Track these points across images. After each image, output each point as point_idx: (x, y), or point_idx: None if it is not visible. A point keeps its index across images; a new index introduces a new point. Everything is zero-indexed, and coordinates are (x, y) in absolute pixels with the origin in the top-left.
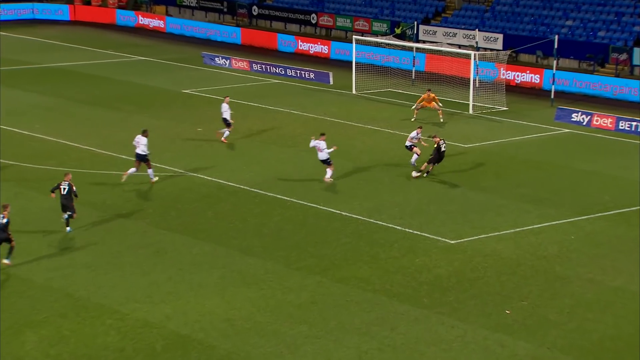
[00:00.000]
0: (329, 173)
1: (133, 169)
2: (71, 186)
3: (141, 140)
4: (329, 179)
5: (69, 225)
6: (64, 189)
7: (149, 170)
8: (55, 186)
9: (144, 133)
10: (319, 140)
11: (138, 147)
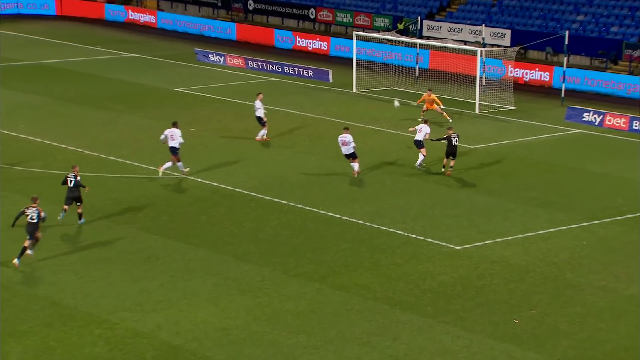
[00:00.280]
0: (356, 166)
1: (169, 163)
2: (78, 178)
3: (176, 133)
4: (357, 171)
5: (81, 218)
6: (71, 182)
7: (179, 163)
8: (63, 179)
9: (175, 125)
10: (344, 134)
11: (173, 140)
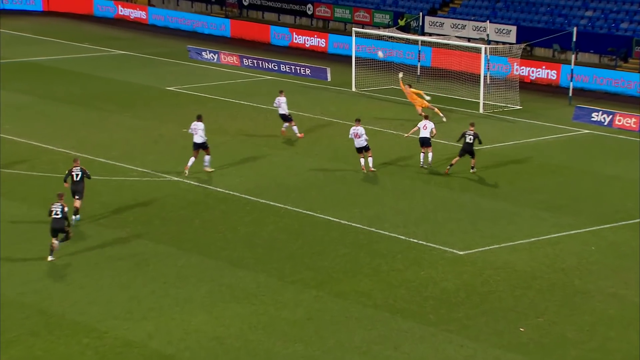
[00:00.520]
0: (371, 161)
1: (193, 159)
2: (84, 170)
3: (199, 126)
4: (372, 169)
5: (77, 214)
6: (77, 175)
7: (207, 157)
8: (67, 174)
9: (200, 118)
10: (356, 126)
11: (196, 134)
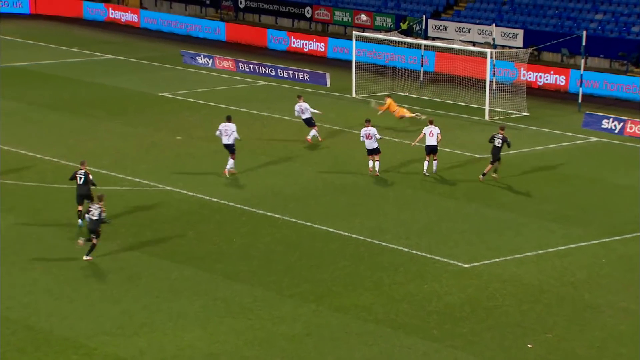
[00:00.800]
0: (377, 165)
1: (231, 161)
2: (87, 175)
3: (230, 127)
4: (377, 174)
5: (80, 218)
6: (80, 178)
7: (232, 160)
8: (72, 176)
9: (229, 119)
10: (367, 127)
11: (228, 137)
